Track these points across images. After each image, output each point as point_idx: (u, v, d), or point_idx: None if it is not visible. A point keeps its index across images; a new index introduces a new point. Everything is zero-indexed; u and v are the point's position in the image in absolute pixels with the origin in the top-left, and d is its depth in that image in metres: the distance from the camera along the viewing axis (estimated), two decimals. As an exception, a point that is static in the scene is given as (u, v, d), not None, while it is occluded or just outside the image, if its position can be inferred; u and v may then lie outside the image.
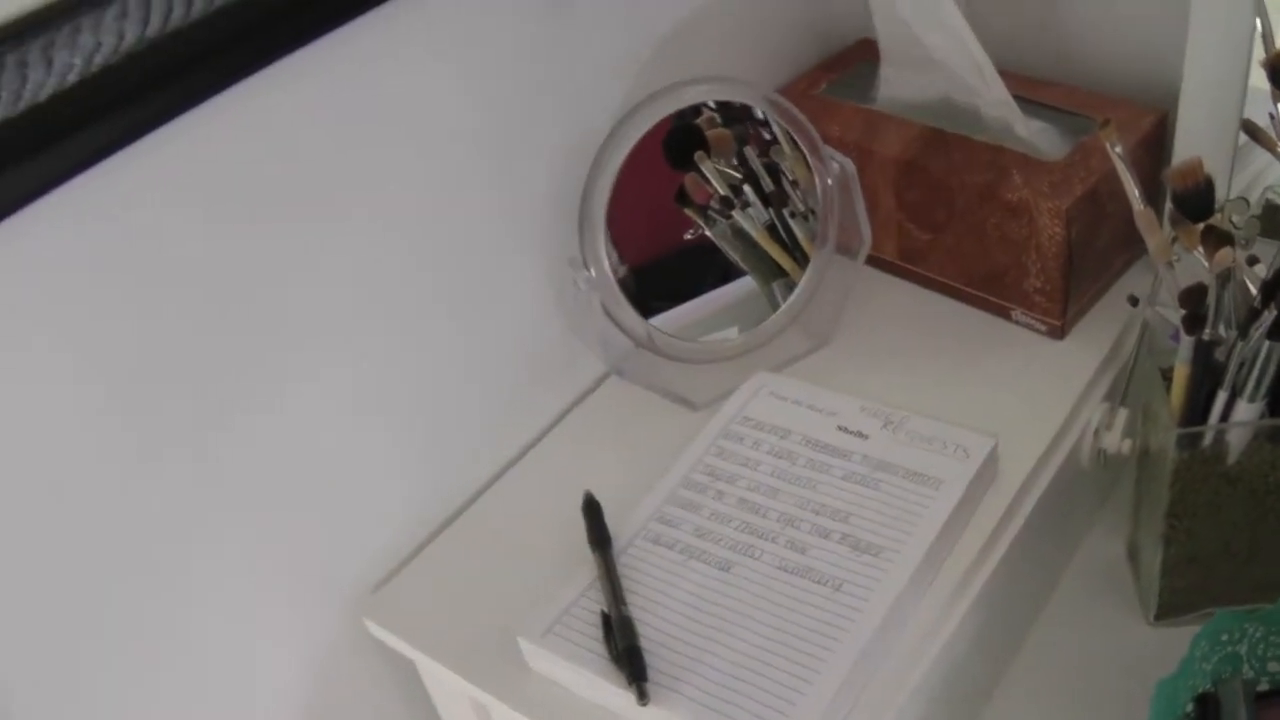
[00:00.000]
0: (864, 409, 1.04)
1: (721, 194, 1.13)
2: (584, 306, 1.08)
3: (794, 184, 1.14)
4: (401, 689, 1.08)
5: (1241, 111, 1.02)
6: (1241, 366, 0.91)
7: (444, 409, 1.06)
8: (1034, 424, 1.03)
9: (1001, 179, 1.07)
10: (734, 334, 1.15)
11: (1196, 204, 0.92)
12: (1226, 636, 0.91)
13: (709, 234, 1.14)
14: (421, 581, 1.03)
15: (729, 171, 1.14)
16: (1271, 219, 1.00)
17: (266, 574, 0.96)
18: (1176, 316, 0.92)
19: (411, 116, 0.94)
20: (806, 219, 1.15)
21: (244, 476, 0.92)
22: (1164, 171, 0.95)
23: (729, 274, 1.18)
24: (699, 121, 1.11)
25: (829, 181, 1.10)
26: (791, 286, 1.16)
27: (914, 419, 1.02)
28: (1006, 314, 1.14)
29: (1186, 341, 0.91)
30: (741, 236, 1.16)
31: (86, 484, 0.82)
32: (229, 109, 0.80)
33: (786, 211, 1.15)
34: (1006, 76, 1.12)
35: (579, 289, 1.07)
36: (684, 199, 1.13)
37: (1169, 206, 0.95)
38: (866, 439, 1.02)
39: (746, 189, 1.14)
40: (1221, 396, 0.93)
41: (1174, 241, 0.95)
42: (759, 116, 1.12)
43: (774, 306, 1.16)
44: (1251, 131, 1.02)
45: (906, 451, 1.00)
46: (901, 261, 1.20)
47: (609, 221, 1.06)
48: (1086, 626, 1.06)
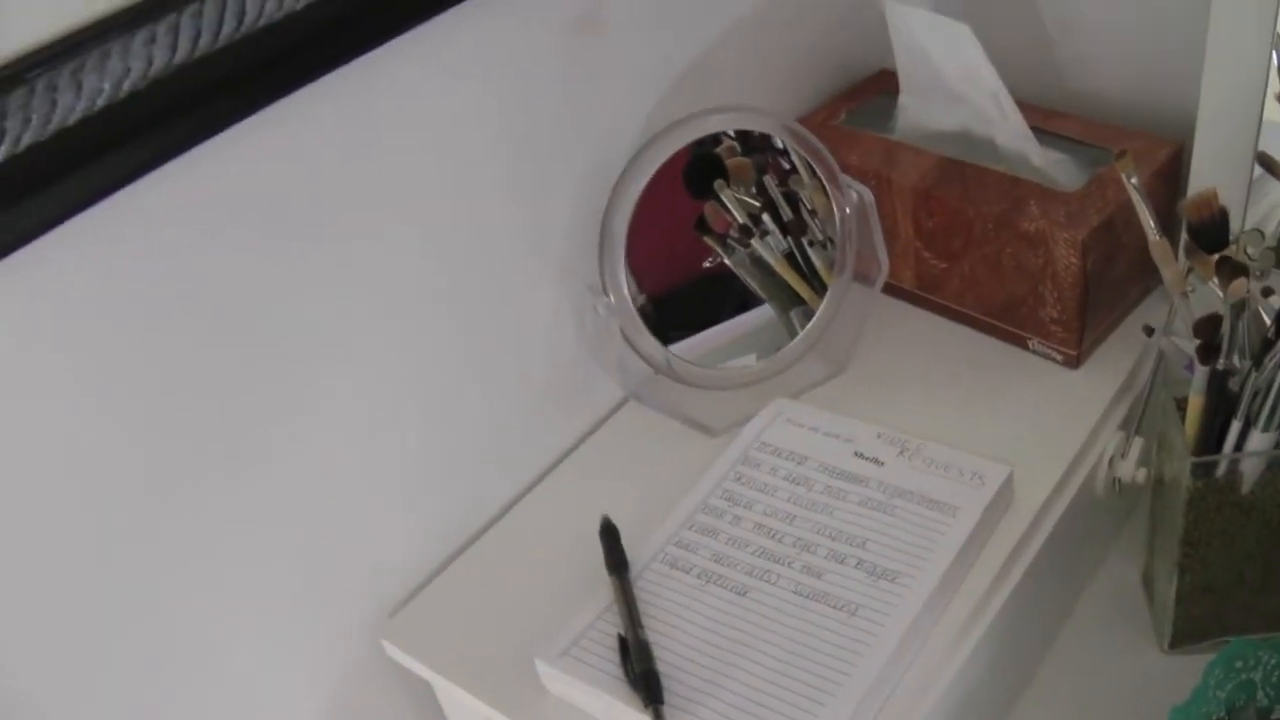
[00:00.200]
0: (880, 436, 1.05)
1: (740, 222, 1.14)
2: (603, 332, 1.08)
3: (812, 213, 1.15)
4: (418, 710, 1.08)
5: (1257, 144, 1.02)
6: (1255, 396, 0.91)
7: (463, 432, 1.07)
8: (1049, 452, 1.03)
9: (1018, 209, 1.08)
10: (752, 361, 1.15)
11: (1211, 235, 0.93)
12: (1241, 664, 0.91)
13: (728, 262, 1.15)
14: (439, 604, 1.04)
15: (748, 200, 1.14)
16: (1288, 250, 1.00)
17: (285, 596, 0.96)
18: (1191, 346, 0.92)
19: (434, 142, 0.94)
20: (825, 247, 1.15)
21: (263, 500, 0.92)
22: (1179, 202, 0.95)
23: (747, 303, 1.18)
24: (719, 150, 1.12)
25: (847, 210, 1.11)
26: (809, 314, 1.16)
27: (930, 446, 1.03)
28: (1023, 343, 1.14)
29: (1201, 371, 0.92)
30: (760, 265, 1.16)
31: (109, 507, 0.82)
32: (255, 135, 0.80)
33: (805, 240, 1.16)
34: (1024, 108, 1.13)
35: (598, 315, 1.07)
36: (703, 227, 1.14)
37: (1184, 237, 0.95)
38: (883, 466, 1.02)
39: (765, 217, 1.15)
40: (1236, 426, 0.93)
41: (1189, 272, 0.96)
42: (778, 146, 1.12)
43: (792, 334, 1.16)
44: (1267, 164, 1.03)
45: (922, 478, 1.00)
46: (919, 290, 1.20)
47: (628, 250, 1.07)
48: (1101, 654, 1.06)
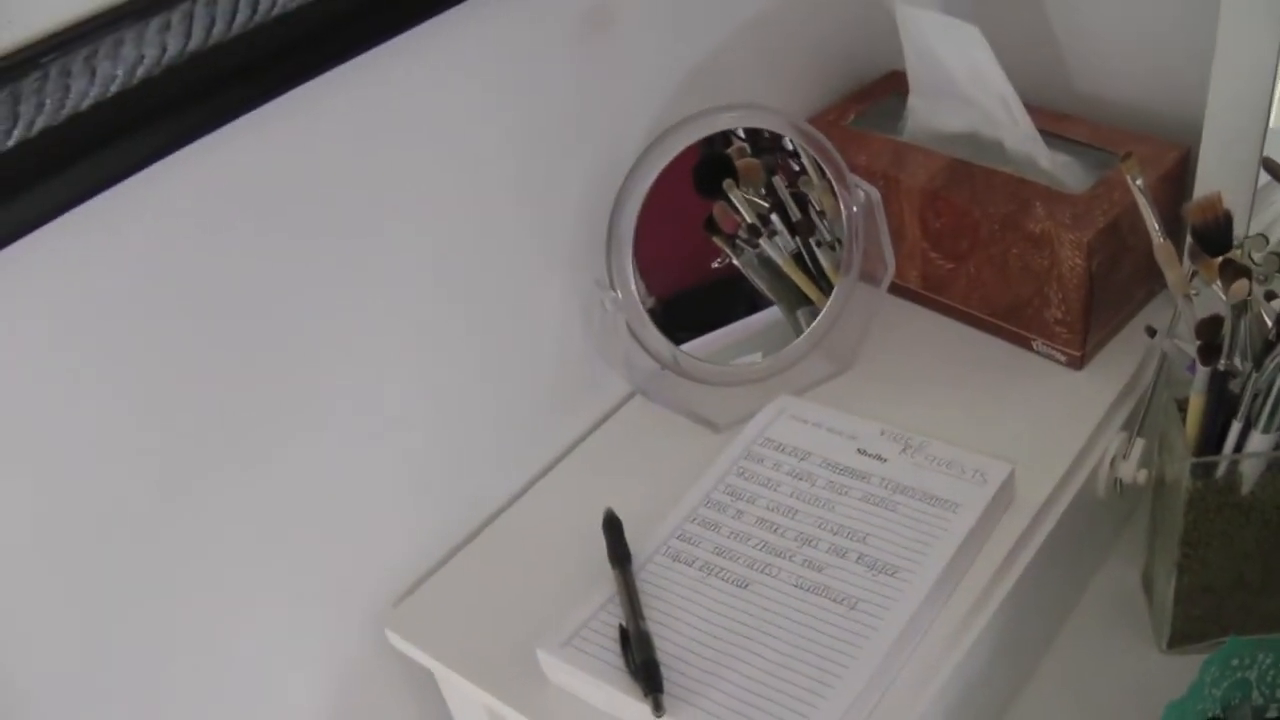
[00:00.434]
0: (884, 433, 1.05)
1: (749, 222, 1.14)
2: (610, 327, 1.09)
3: (821, 213, 1.15)
4: (421, 699, 1.09)
5: (1262, 149, 1.03)
6: (1256, 398, 0.92)
7: (470, 426, 1.07)
8: (1052, 452, 1.04)
9: (1024, 210, 1.09)
10: (758, 359, 1.16)
11: (1215, 238, 0.94)
12: (1237, 662, 0.91)
13: (736, 262, 1.16)
14: (443, 595, 1.05)
15: (757, 201, 1.15)
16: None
17: (291, 586, 0.97)
18: (1193, 348, 0.93)
19: (444, 136, 0.95)
20: (833, 248, 1.16)
21: (269, 491, 0.93)
22: (1184, 206, 0.96)
23: (756, 304, 1.19)
24: (729, 151, 1.13)
25: (854, 209, 1.11)
26: (816, 314, 1.16)
27: (933, 444, 1.03)
28: (1027, 344, 1.14)
29: (1202, 372, 0.93)
30: (768, 265, 1.17)
31: (116, 498, 0.83)
32: (266, 125, 0.81)
33: (813, 240, 1.16)
34: (1032, 111, 1.14)
35: (605, 310, 1.08)
36: (712, 227, 1.14)
37: (1189, 240, 0.96)
38: (885, 462, 1.03)
39: (774, 218, 1.15)
40: (1236, 427, 0.93)
41: (1194, 275, 0.97)
42: (788, 147, 1.13)
43: (798, 334, 1.17)
44: (1273, 170, 1.04)
45: (924, 475, 1.01)
46: (925, 290, 1.21)
47: (639, 252, 1.08)
48: (1100, 653, 1.06)
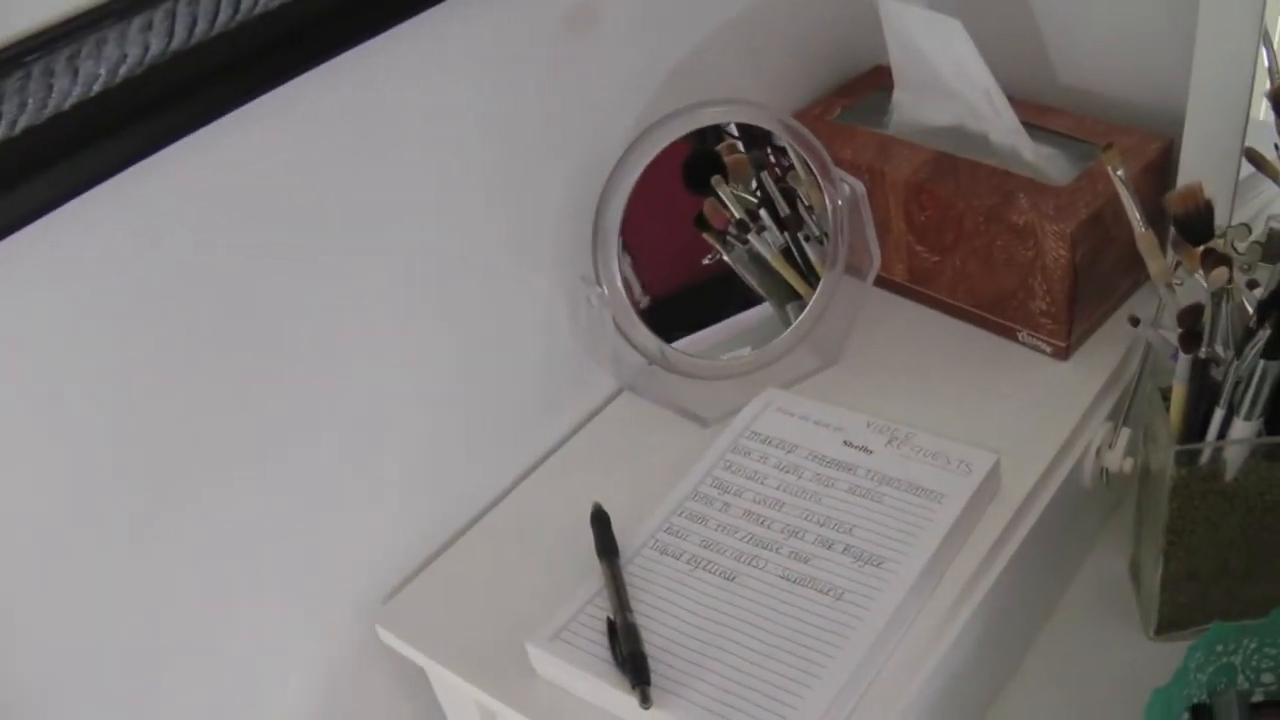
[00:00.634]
0: (870, 425, 1.05)
1: (738, 218, 1.15)
2: (597, 323, 1.09)
3: (809, 208, 1.16)
4: (411, 695, 1.10)
5: (1244, 139, 1.03)
6: (1238, 385, 0.92)
7: (458, 423, 1.08)
8: (1037, 442, 1.04)
9: (1008, 202, 1.09)
10: (747, 353, 1.16)
11: (1197, 227, 0.94)
12: (1222, 647, 0.92)
13: (726, 258, 1.16)
14: (433, 591, 1.05)
15: (746, 196, 1.15)
16: (1273, 245, 1.01)
17: (281, 583, 0.97)
18: (1176, 337, 0.94)
19: (428, 134, 0.95)
20: (821, 242, 1.16)
21: (259, 491, 0.93)
22: (1165, 196, 0.96)
23: (749, 300, 1.19)
24: (719, 147, 1.13)
25: (839, 203, 1.12)
26: (804, 308, 1.17)
27: (919, 435, 1.03)
28: (1013, 335, 1.15)
29: (1184, 360, 0.93)
30: (758, 260, 1.17)
31: (105, 501, 0.84)
32: (249, 124, 0.81)
33: (801, 235, 1.16)
34: (1016, 103, 1.14)
35: (592, 306, 1.08)
36: (703, 224, 1.15)
37: (1172, 230, 0.96)
38: (871, 454, 1.03)
39: (762, 213, 1.16)
40: (1219, 414, 0.94)
41: (1178, 265, 0.97)
42: (778, 143, 1.13)
43: (788, 328, 1.17)
44: (1256, 160, 1.04)
45: (910, 466, 1.01)
46: (911, 283, 1.21)
47: (634, 251, 1.08)
48: (1088, 641, 1.07)
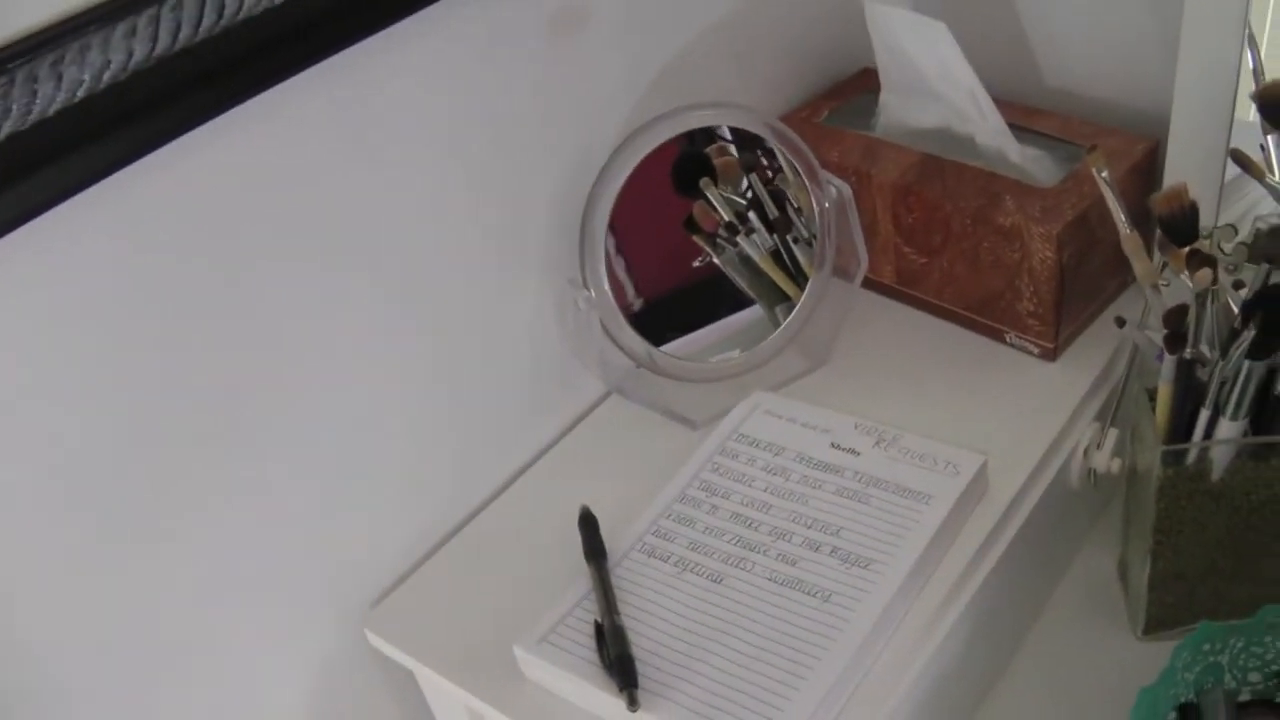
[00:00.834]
0: (857, 427, 1.06)
1: (727, 220, 1.15)
2: (584, 326, 1.09)
3: (798, 210, 1.16)
4: (401, 698, 1.10)
5: (1229, 141, 1.03)
6: (1224, 385, 0.93)
7: (446, 427, 1.08)
8: (1025, 443, 1.04)
9: (994, 204, 1.09)
10: (735, 355, 1.16)
11: (1182, 228, 0.94)
12: (1209, 646, 0.92)
13: (716, 260, 1.16)
14: (421, 594, 1.05)
15: (735, 199, 1.15)
16: (1258, 246, 1.01)
17: (270, 586, 0.97)
18: (1162, 338, 0.94)
19: (414, 137, 0.95)
20: (810, 244, 1.16)
21: (249, 494, 0.93)
22: (1150, 197, 0.97)
23: (737, 303, 1.19)
24: (708, 150, 1.13)
25: (826, 205, 1.12)
26: (793, 310, 1.17)
27: (906, 437, 1.04)
28: (1000, 336, 1.15)
29: (1169, 361, 0.93)
30: (747, 263, 1.17)
31: (94, 504, 0.84)
32: (233, 129, 0.81)
33: (790, 237, 1.17)
34: (1003, 106, 1.14)
35: (579, 309, 1.08)
36: (693, 226, 1.15)
37: (1158, 232, 0.96)
38: (859, 456, 1.03)
39: (751, 215, 1.16)
40: (1204, 415, 0.94)
41: (1164, 267, 0.97)
42: (768, 145, 1.13)
43: (776, 330, 1.17)
44: (1241, 162, 1.04)
45: (898, 468, 1.01)
46: (898, 285, 1.21)
47: (626, 254, 1.08)
48: (1076, 641, 1.07)
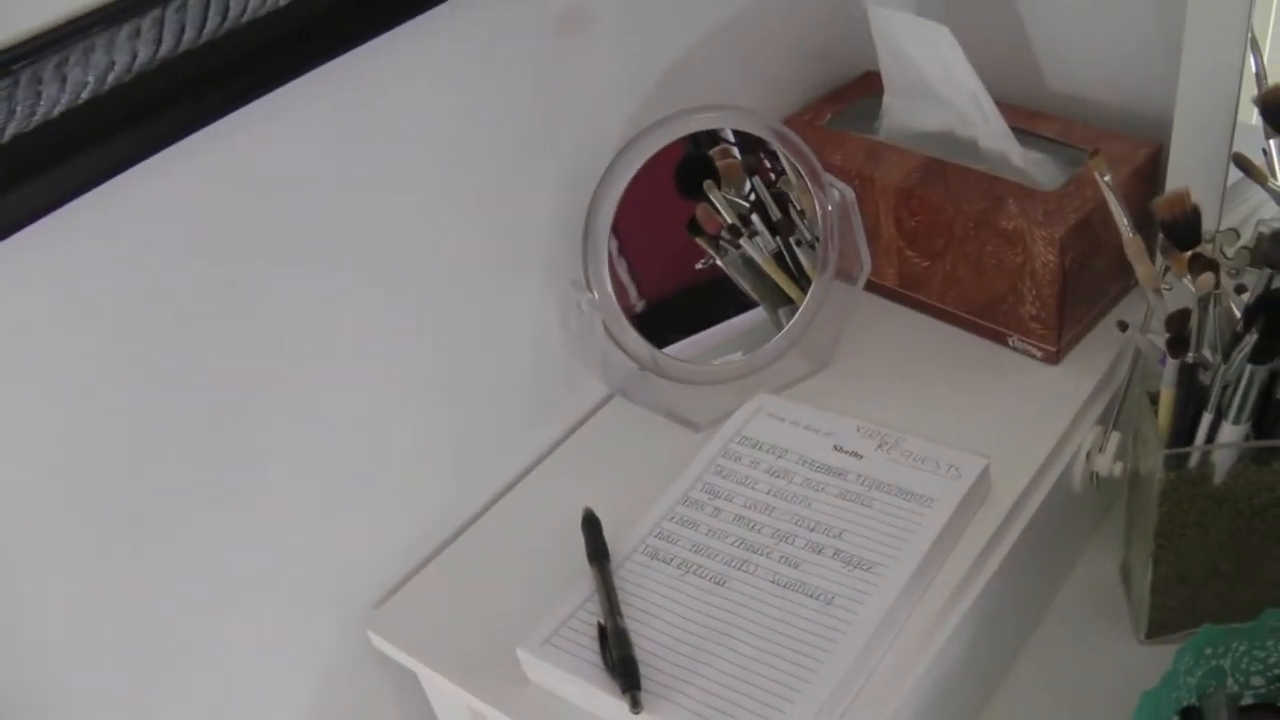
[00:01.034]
0: (860, 430, 1.06)
1: (730, 223, 1.15)
2: (587, 328, 1.09)
3: (801, 213, 1.16)
4: (404, 699, 1.10)
5: (1231, 145, 1.04)
6: (1226, 389, 0.93)
7: (449, 429, 1.08)
8: (1027, 446, 1.04)
9: (997, 207, 1.09)
10: (738, 357, 1.16)
11: (1184, 232, 0.95)
12: (1211, 650, 0.92)
13: (720, 263, 1.16)
14: (425, 596, 1.05)
15: (738, 201, 1.15)
16: (1261, 250, 1.01)
17: (274, 587, 0.98)
18: (1163, 341, 0.94)
19: (419, 139, 0.96)
20: (813, 247, 1.16)
21: (252, 496, 0.93)
22: (1152, 201, 0.97)
23: (741, 305, 1.19)
24: (711, 152, 1.13)
25: (829, 208, 1.12)
26: (796, 313, 1.17)
27: (909, 440, 1.04)
28: (1003, 340, 1.15)
29: (1171, 365, 0.93)
30: (750, 265, 1.17)
31: (100, 506, 0.84)
32: (237, 130, 0.81)
33: (793, 240, 1.17)
34: (1006, 109, 1.14)
35: (582, 311, 1.08)
36: (696, 228, 1.15)
37: (1160, 236, 0.97)
38: (861, 459, 1.03)
39: (754, 218, 1.16)
40: (1207, 419, 0.94)
41: (1166, 270, 0.97)
42: (771, 148, 1.13)
43: (779, 333, 1.17)
44: (1244, 166, 1.04)
45: (900, 471, 1.01)
46: (901, 288, 1.21)
47: (629, 256, 1.08)
48: (1079, 644, 1.07)
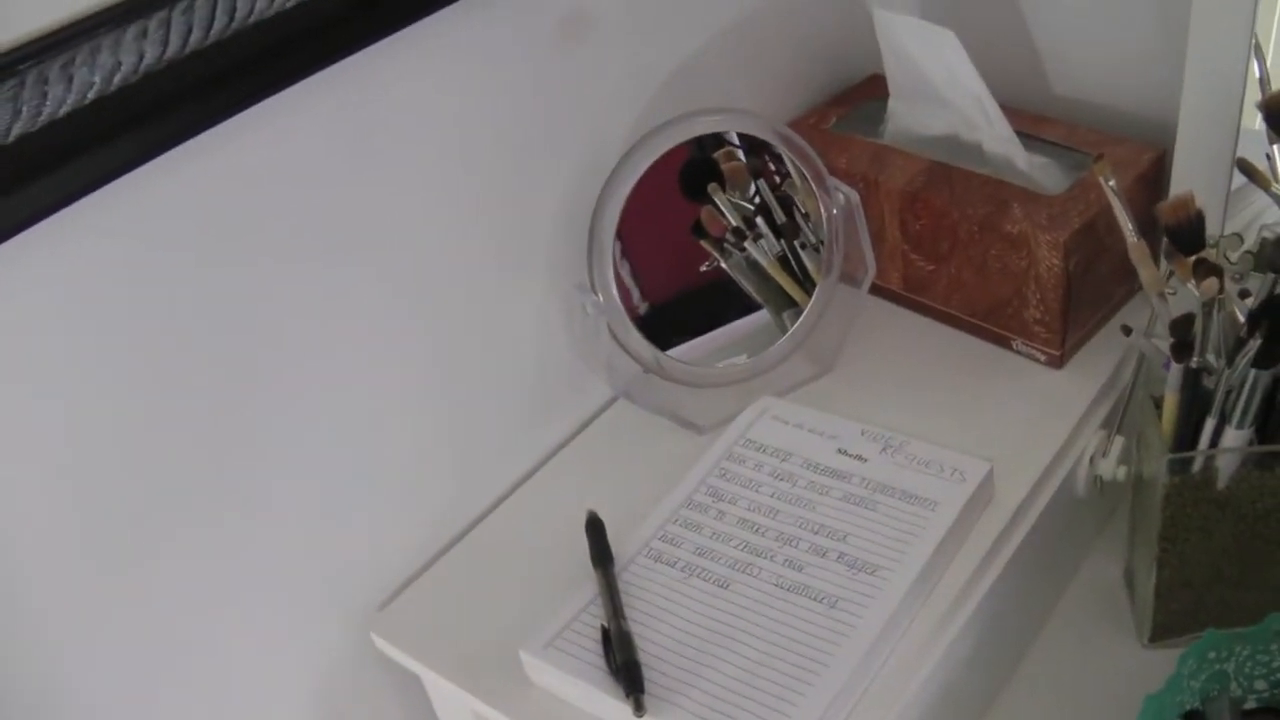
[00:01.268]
0: (864, 433, 1.06)
1: (734, 225, 1.15)
2: (592, 331, 1.09)
3: (805, 216, 1.16)
4: (406, 701, 1.10)
5: (1235, 150, 1.03)
6: (1230, 394, 0.93)
7: (453, 431, 1.08)
8: (1031, 450, 1.04)
9: (1002, 211, 1.09)
10: (742, 360, 1.16)
11: (1189, 237, 0.94)
12: (1214, 654, 0.92)
13: (724, 265, 1.16)
14: (428, 598, 1.05)
15: (743, 204, 1.15)
16: (1265, 255, 1.01)
17: (277, 590, 0.98)
18: (1167, 345, 0.94)
19: (424, 141, 0.96)
20: (817, 250, 1.16)
21: (255, 498, 0.94)
22: (1156, 206, 0.97)
23: (745, 308, 1.19)
24: (716, 155, 1.13)
25: (834, 211, 1.12)
26: (800, 316, 1.17)
27: (913, 443, 1.04)
28: (1007, 344, 1.15)
29: (1175, 369, 0.93)
30: (755, 268, 1.17)
31: (102, 505, 0.84)
32: (242, 131, 0.82)
33: (797, 243, 1.17)
34: (1011, 113, 1.15)
35: (587, 313, 1.08)
36: (700, 231, 1.15)
37: (1165, 240, 0.97)
38: (865, 462, 1.03)
39: (759, 221, 1.16)
40: (1210, 423, 0.94)
41: (1170, 275, 0.97)
42: (776, 150, 1.13)
43: (783, 336, 1.17)
44: (1247, 170, 1.04)
45: (904, 474, 1.01)
46: (906, 291, 1.22)
47: (632, 258, 1.08)
48: (1083, 648, 1.07)
